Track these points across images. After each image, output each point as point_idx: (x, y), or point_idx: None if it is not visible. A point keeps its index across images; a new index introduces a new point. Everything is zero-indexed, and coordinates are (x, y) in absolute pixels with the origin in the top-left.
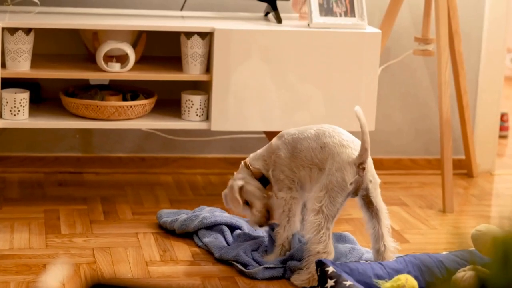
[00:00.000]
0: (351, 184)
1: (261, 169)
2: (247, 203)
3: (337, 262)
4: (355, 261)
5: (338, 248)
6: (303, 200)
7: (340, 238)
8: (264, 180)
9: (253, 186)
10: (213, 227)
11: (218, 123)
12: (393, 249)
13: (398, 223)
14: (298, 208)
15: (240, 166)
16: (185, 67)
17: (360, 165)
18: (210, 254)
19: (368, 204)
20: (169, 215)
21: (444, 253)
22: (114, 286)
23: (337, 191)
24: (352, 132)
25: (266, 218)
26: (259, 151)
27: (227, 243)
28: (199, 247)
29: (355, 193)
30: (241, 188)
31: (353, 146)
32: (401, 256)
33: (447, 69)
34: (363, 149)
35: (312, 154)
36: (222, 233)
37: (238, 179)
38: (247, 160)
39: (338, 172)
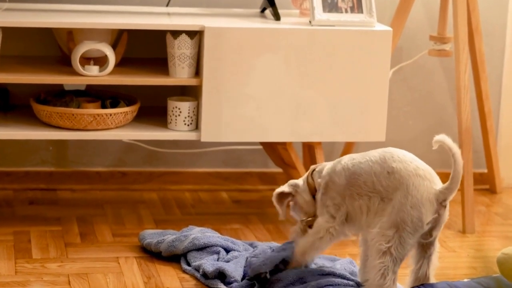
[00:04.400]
0: (427, 224)
1: (317, 185)
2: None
3: None
4: None
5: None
6: (343, 237)
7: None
8: None
9: (303, 200)
10: (205, 248)
11: (209, 133)
12: None
13: None
14: (328, 244)
15: (309, 171)
16: (172, 70)
17: (442, 202)
18: (200, 280)
19: (428, 244)
20: (153, 236)
21: (466, 280)
22: None
23: (410, 231)
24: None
25: (310, 211)
26: (325, 164)
27: None
28: (186, 272)
29: (429, 233)
30: (283, 194)
31: (430, 178)
32: (416, 286)
33: (466, 72)
34: (454, 182)
35: (375, 180)
36: (217, 254)
37: (288, 184)
38: (317, 166)
39: (414, 210)
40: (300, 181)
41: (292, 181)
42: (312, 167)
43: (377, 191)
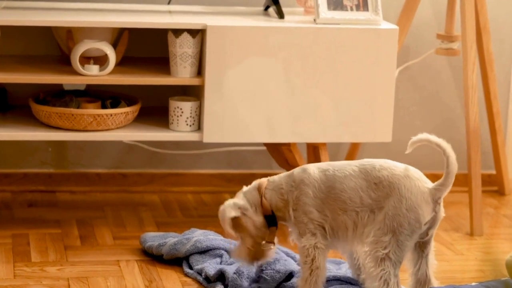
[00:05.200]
0: (425, 224)
1: (273, 204)
2: None
3: None
4: None
5: None
6: (333, 249)
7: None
8: (271, 219)
9: (251, 223)
10: (208, 251)
11: (211, 134)
12: None
13: None
14: (324, 259)
15: (252, 185)
16: (173, 69)
17: (438, 200)
18: (202, 283)
19: (425, 243)
20: (155, 239)
21: (474, 284)
22: None
23: (407, 234)
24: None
25: (253, 259)
26: (277, 178)
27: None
28: (188, 276)
29: (426, 232)
30: (233, 219)
31: (419, 177)
32: None
33: (474, 71)
34: (449, 178)
35: (363, 195)
36: (220, 258)
37: (234, 206)
38: (264, 183)
39: (411, 212)
40: (244, 203)
41: (238, 203)
42: (258, 182)
43: (366, 205)
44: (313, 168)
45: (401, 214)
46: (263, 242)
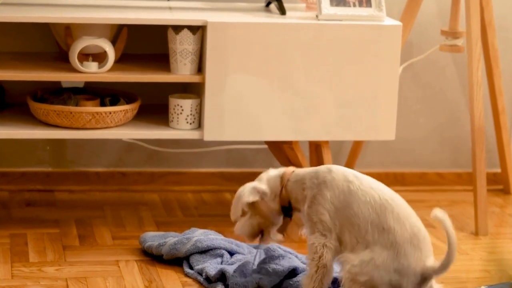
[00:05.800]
0: None
1: (293, 196)
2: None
3: None
4: None
5: None
6: (338, 254)
7: None
8: (287, 210)
9: (266, 208)
10: (209, 251)
11: (212, 132)
12: None
13: None
14: (332, 259)
15: (277, 171)
16: (173, 66)
17: (427, 277)
18: (203, 284)
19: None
20: (155, 238)
21: (482, 287)
22: None
23: (385, 284)
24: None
25: (254, 236)
26: (301, 172)
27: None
28: (188, 276)
29: None
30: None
31: (423, 247)
32: None
33: (479, 68)
34: (444, 266)
35: (369, 229)
36: (221, 258)
37: (254, 191)
38: (288, 174)
39: (397, 275)
40: (265, 188)
41: (258, 187)
42: (286, 169)
43: (366, 241)
44: (340, 174)
45: (387, 270)
46: (275, 231)
